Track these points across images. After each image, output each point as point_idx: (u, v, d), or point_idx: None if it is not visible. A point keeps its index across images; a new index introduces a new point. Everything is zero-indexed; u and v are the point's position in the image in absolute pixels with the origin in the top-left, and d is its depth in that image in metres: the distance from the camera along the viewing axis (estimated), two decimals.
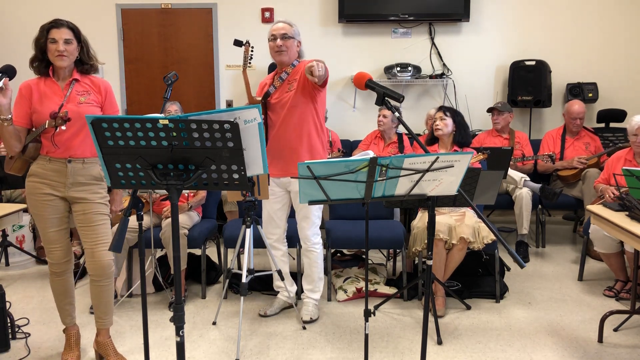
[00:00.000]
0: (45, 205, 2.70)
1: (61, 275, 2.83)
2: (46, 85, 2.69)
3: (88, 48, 2.75)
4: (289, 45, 3.22)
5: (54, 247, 2.77)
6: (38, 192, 2.69)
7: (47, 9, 5.72)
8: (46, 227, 2.73)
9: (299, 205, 3.34)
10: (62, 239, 2.78)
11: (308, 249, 3.38)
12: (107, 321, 2.85)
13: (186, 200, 3.87)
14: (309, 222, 3.35)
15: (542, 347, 3.03)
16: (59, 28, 2.62)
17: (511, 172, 4.62)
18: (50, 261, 2.81)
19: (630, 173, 2.89)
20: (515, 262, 1.90)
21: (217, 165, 1.82)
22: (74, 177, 2.68)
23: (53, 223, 2.73)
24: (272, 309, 3.47)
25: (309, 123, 3.23)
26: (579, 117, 4.83)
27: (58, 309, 2.90)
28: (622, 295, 3.71)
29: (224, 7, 5.78)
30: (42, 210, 2.70)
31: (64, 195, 2.71)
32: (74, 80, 2.70)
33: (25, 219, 4.45)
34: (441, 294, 3.50)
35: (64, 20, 2.67)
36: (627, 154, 3.90)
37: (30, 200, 2.72)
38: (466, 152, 3.02)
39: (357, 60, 5.79)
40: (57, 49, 2.60)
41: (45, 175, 2.68)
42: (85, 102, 2.70)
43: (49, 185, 2.68)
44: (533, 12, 5.72)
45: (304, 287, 3.47)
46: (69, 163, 2.67)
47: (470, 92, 5.78)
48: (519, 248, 4.56)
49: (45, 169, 2.68)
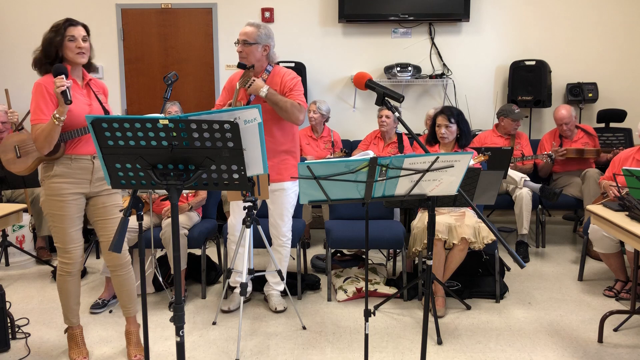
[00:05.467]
0: (71, 205, 2.72)
1: (74, 275, 2.84)
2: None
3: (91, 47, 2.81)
4: (249, 51, 3.24)
5: (74, 246, 2.77)
6: (64, 193, 2.70)
7: (47, 9, 5.72)
8: (68, 227, 2.73)
9: (276, 203, 3.46)
10: (80, 237, 2.81)
11: (282, 244, 3.53)
12: (131, 309, 2.92)
13: (186, 201, 3.87)
14: (285, 220, 3.49)
15: (542, 347, 3.03)
16: (75, 26, 2.68)
17: (511, 172, 4.61)
18: (67, 262, 2.78)
19: (630, 173, 2.89)
20: (515, 262, 1.90)
21: (217, 165, 1.83)
22: (99, 172, 2.75)
23: (75, 222, 2.76)
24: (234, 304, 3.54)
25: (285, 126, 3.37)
26: (564, 122, 4.78)
27: (65, 309, 2.89)
28: (622, 295, 3.71)
29: (224, 7, 5.77)
30: (66, 210, 2.71)
31: (87, 192, 2.76)
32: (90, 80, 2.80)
33: (25, 219, 4.45)
34: (441, 294, 3.50)
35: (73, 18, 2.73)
36: (635, 153, 3.83)
37: (53, 201, 2.71)
38: (466, 152, 3.02)
39: (357, 60, 5.79)
40: (78, 46, 2.65)
41: (71, 174, 2.70)
42: (103, 101, 2.81)
43: (74, 184, 2.71)
44: (533, 12, 5.72)
45: (270, 280, 3.61)
46: (94, 159, 2.74)
47: (470, 92, 5.78)
48: (519, 248, 4.56)
49: (71, 167, 2.70)
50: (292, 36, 5.76)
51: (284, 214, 3.47)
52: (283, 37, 5.77)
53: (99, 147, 1.82)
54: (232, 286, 3.66)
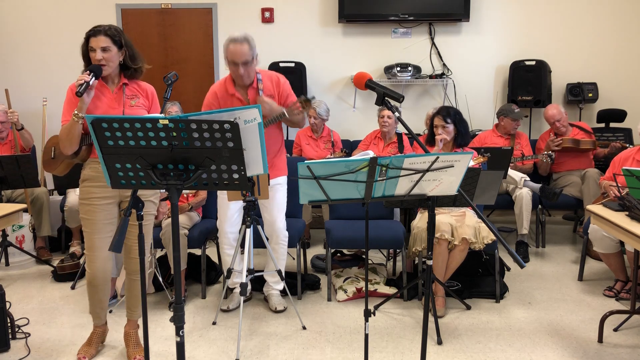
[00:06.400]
0: (98, 210, 2.69)
1: (95, 287, 2.79)
2: (97, 88, 2.69)
3: (133, 52, 2.75)
4: (251, 70, 3.23)
5: (97, 255, 2.73)
6: (92, 197, 2.69)
7: (48, 9, 5.71)
8: (93, 232, 2.71)
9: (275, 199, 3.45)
10: (104, 247, 2.72)
11: (280, 242, 3.52)
12: (135, 312, 2.93)
13: (186, 201, 3.87)
14: (282, 217, 3.49)
15: (542, 347, 3.03)
16: (96, 36, 2.63)
17: (511, 172, 4.61)
18: (89, 270, 2.77)
19: (630, 173, 2.89)
20: (515, 262, 1.90)
21: (217, 165, 1.82)
22: None
23: (102, 228, 2.72)
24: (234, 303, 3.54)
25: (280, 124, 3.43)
26: (555, 119, 4.80)
27: (91, 312, 2.93)
28: (622, 295, 3.71)
29: (224, 7, 5.77)
30: (93, 215, 2.70)
31: (117, 196, 2.72)
32: (124, 85, 2.74)
33: (25, 219, 4.45)
34: (441, 294, 3.50)
35: (103, 26, 2.66)
36: (635, 154, 3.83)
37: (82, 205, 2.72)
38: (466, 152, 3.01)
39: (357, 60, 5.79)
40: (95, 58, 2.62)
41: (99, 178, 2.68)
42: (136, 105, 2.74)
43: (103, 187, 2.68)
44: (533, 12, 5.72)
45: (269, 279, 3.60)
46: None
47: (470, 92, 5.78)
48: (519, 248, 4.56)
49: (98, 171, 2.68)
50: (292, 36, 5.77)
51: (281, 211, 3.49)
52: (283, 37, 5.78)
53: (99, 147, 1.82)
54: (231, 287, 3.66)
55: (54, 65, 5.77)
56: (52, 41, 5.72)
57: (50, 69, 5.76)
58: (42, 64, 5.74)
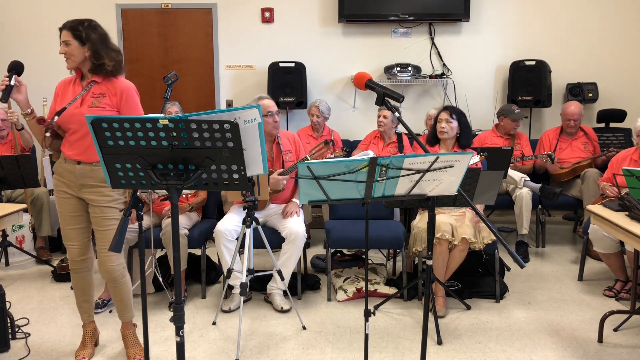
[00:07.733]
0: (63, 203, 2.75)
1: (79, 272, 2.86)
2: (72, 85, 2.73)
3: (97, 48, 2.63)
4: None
5: (71, 244, 2.80)
6: (58, 189, 2.76)
7: (47, 9, 5.71)
8: (63, 224, 2.79)
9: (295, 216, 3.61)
10: (78, 237, 2.79)
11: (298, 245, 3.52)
12: (125, 315, 2.93)
13: (186, 201, 3.87)
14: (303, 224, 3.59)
15: (542, 347, 3.03)
16: (62, 30, 2.66)
17: (511, 172, 4.61)
18: (68, 257, 2.85)
19: (630, 173, 2.89)
20: (515, 262, 1.90)
21: (217, 165, 1.82)
22: (83, 179, 2.69)
23: (68, 221, 2.77)
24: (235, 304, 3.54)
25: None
26: (573, 118, 4.83)
27: (77, 306, 2.95)
28: (622, 295, 3.71)
29: (224, 7, 5.77)
30: (60, 206, 2.77)
31: (78, 195, 2.74)
32: (92, 82, 2.67)
33: (25, 219, 4.45)
34: (441, 294, 3.50)
35: (71, 20, 2.67)
36: (632, 154, 3.86)
37: (55, 196, 2.82)
38: (466, 152, 3.01)
39: (357, 60, 5.79)
40: (60, 52, 2.64)
41: (62, 174, 2.73)
42: (97, 105, 2.64)
43: (65, 183, 2.73)
44: (533, 12, 5.72)
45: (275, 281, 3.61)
46: (77, 165, 2.68)
47: (470, 92, 5.78)
48: (519, 248, 4.55)
49: (62, 167, 2.73)
50: (292, 36, 5.76)
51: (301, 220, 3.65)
52: (283, 37, 5.78)
53: (99, 147, 1.82)
54: (231, 285, 3.65)
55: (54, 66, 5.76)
56: (51, 41, 5.71)
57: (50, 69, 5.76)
58: (41, 64, 5.74)
